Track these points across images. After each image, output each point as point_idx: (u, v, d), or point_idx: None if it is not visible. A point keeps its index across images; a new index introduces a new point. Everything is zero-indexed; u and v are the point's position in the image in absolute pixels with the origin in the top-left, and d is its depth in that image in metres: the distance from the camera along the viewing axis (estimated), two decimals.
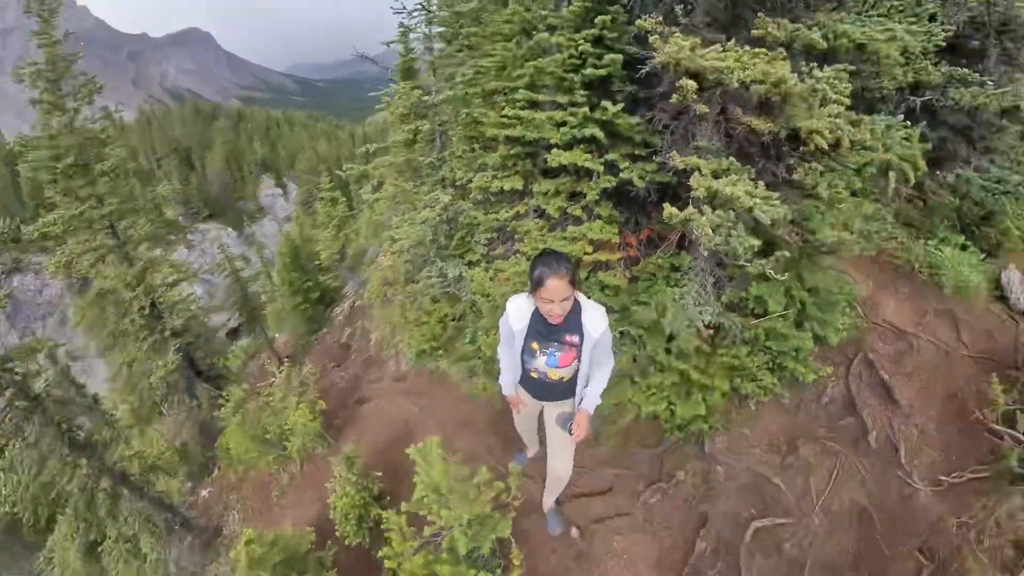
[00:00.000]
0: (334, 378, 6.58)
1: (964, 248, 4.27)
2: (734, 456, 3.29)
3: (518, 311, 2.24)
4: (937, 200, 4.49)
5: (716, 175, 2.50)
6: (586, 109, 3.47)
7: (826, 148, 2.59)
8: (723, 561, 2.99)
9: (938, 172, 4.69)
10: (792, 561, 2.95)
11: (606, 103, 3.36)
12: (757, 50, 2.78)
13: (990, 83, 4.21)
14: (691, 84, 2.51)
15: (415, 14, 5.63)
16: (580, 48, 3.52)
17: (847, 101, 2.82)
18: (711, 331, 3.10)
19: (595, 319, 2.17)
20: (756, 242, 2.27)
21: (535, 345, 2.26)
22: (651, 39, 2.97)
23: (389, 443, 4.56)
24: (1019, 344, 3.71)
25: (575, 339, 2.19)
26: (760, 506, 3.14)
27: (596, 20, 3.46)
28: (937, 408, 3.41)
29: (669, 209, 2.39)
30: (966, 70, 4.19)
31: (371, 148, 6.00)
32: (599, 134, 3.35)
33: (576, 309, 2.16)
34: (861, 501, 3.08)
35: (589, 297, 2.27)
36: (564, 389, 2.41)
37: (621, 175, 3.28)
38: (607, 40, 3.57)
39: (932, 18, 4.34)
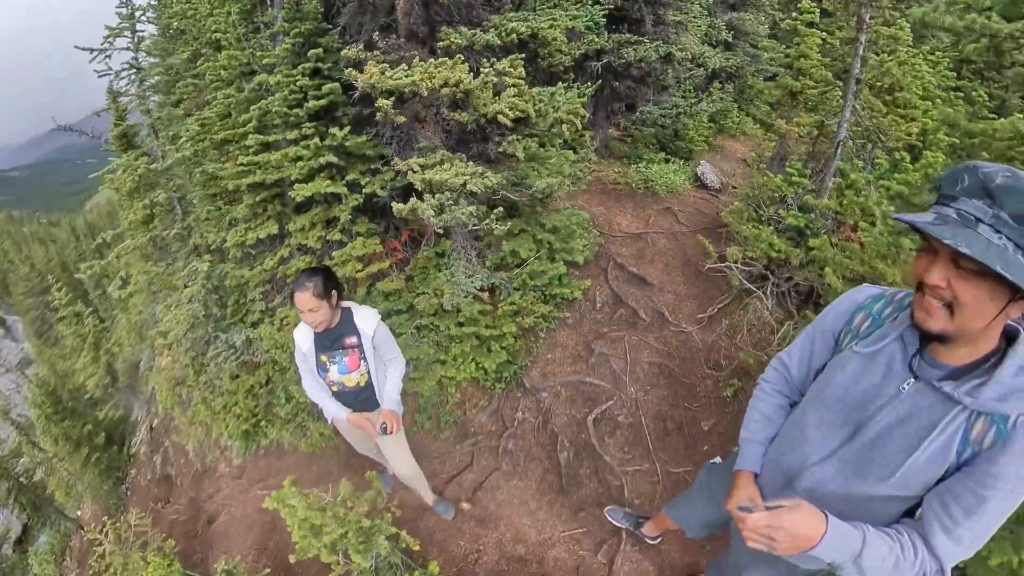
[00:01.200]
0: (169, 517, 6.13)
1: (667, 161, 6.01)
2: (550, 379, 4.26)
3: (302, 334, 2.73)
4: (639, 133, 6.17)
5: (431, 167, 3.32)
6: (317, 139, 4.02)
7: (510, 124, 3.58)
8: (585, 456, 3.90)
9: (635, 113, 6.39)
10: (630, 425, 4.01)
11: (334, 129, 3.95)
12: (441, 60, 3.67)
13: (646, 40, 5.92)
14: (386, 103, 3.27)
15: (123, 74, 5.56)
16: (299, 83, 4.05)
17: (522, 83, 3.89)
18: (487, 293, 4.00)
19: (366, 318, 2.72)
20: (471, 209, 3.13)
21: (324, 358, 2.74)
22: (347, 72, 3.70)
23: (261, 540, 4.62)
24: (718, 211, 5.49)
25: (353, 340, 2.71)
26: (588, 403, 4.14)
27: (309, 54, 4.01)
28: (680, 275, 4.90)
29: (397, 205, 3.13)
30: (629, 34, 5.86)
31: (107, 236, 5.78)
32: (334, 159, 3.95)
33: (348, 315, 2.71)
34: (655, 360, 4.30)
35: (361, 304, 2.83)
36: (367, 397, 2.89)
37: (365, 190, 3.93)
38: (324, 71, 4.18)
39: (597, 1, 5.85)
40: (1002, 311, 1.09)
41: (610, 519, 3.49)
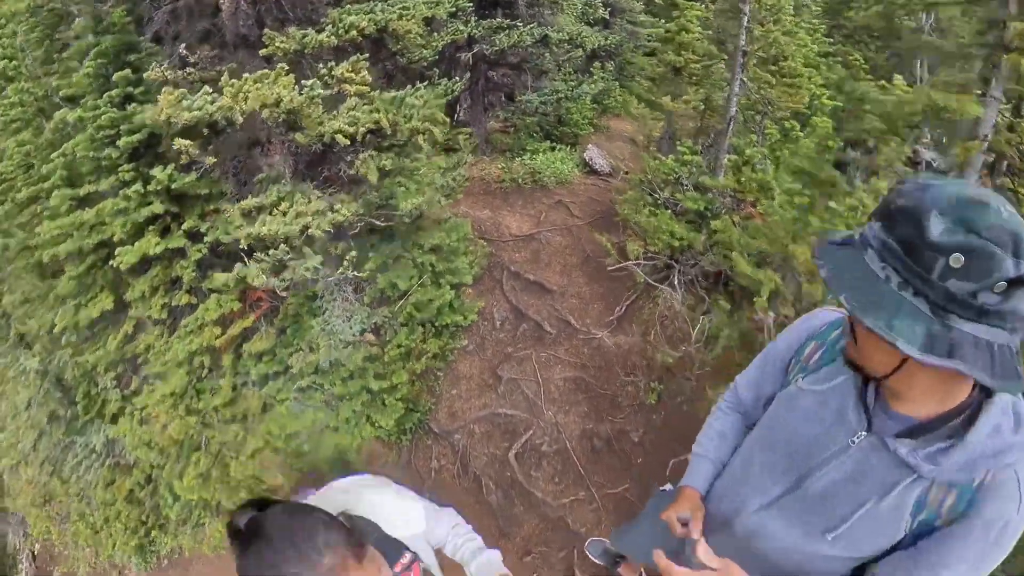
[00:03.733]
0: None
1: (553, 149, 5.69)
2: (460, 417, 3.85)
3: None
4: (521, 122, 5.83)
5: (267, 209, 2.74)
6: (139, 185, 3.34)
7: (360, 140, 3.06)
8: (515, 494, 3.55)
9: (514, 102, 6.03)
10: (556, 452, 3.66)
11: (156, 170, 3.28)
12: (259, 74, 3.07)
13: (519, 24, 5.53)
14: (185, 143, 2.65)
15: None
16: (107, 115, 3.35)
17: (366, 88, 3.36)
18: (372, 334, 3.47)
19: (404, 515, 1.30)
20: (318, 259, 2.58)
21: None
22: (131, 108, 3.05)
23: None
24: (611, 199, 5.18)
25: (406, 557, 1.26)
26: (507, 436, 3.77)
27: (116, 77, 3.34)
28: (581, 275, 4.54)
29: (218, 278, 2.50)
30: (501, 20, 5.47)
31: None
32: (160, 207, 3.30)
33: (384, 538, 1.23)
34: (569, 375, 3.96)
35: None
36: None
37: (207, 238, 3.30)
38: (136, 97, 3.48)
39: None
40: (902, 365, 0.92)
41: (589, 555, 3.13)
